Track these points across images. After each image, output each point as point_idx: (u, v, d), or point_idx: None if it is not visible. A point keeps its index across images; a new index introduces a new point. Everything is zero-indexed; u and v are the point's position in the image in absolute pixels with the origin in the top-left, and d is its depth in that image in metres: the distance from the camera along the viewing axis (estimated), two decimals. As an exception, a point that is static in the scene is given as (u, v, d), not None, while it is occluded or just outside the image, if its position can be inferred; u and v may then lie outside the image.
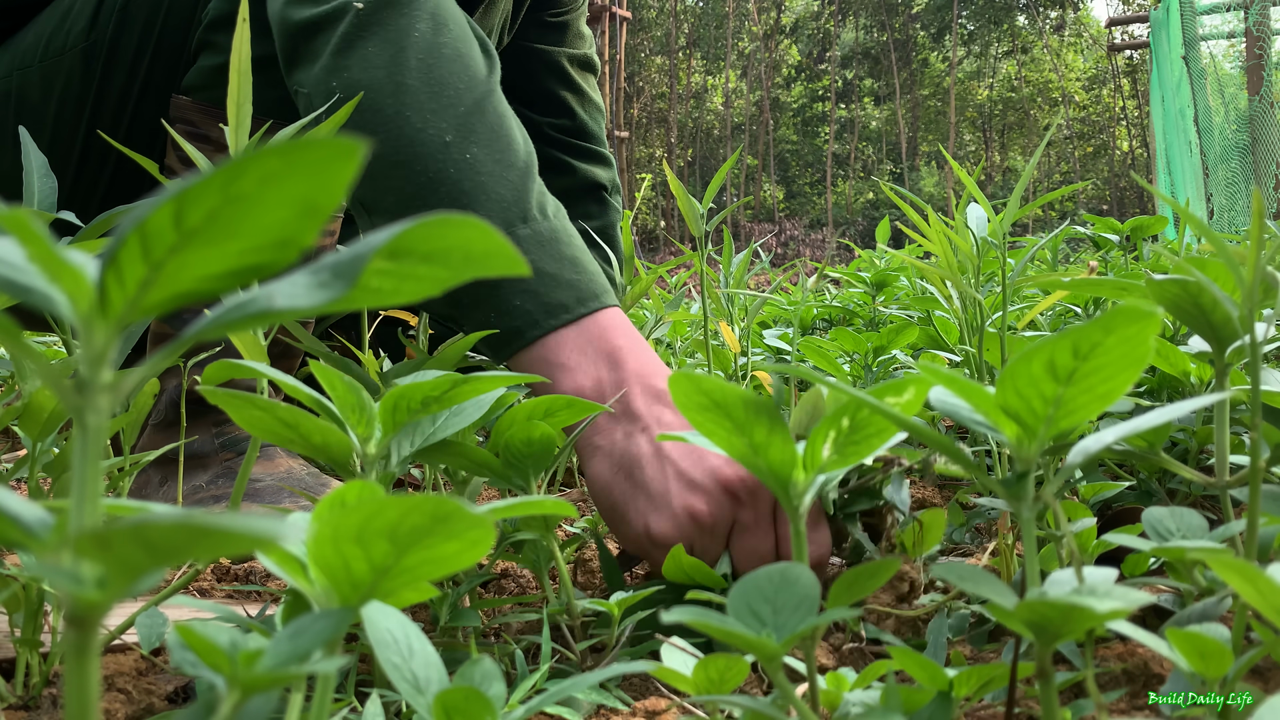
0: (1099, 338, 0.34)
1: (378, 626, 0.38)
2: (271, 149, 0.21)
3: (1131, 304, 0.33)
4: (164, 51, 1.10)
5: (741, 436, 0.39)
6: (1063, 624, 0.34)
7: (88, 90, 1.11)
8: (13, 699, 0.56)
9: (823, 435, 0.41)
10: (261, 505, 1.03)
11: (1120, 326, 0.33)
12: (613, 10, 15.93)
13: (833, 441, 0.41)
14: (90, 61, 1.10)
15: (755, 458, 0.40)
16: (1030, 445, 0.37)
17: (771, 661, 0.38)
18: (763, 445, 0.40)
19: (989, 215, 0.90)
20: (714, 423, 0.39)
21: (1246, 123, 5.83)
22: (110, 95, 1.11)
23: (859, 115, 31.42)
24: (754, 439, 0.39)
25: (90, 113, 1.12)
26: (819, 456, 0.41)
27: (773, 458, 0.40)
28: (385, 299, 0.26)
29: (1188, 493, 0.83)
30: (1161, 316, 0.33)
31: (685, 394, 0.39)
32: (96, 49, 1.10)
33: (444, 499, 0.28)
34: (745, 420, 0.39)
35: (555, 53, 1.59)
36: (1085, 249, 4.23)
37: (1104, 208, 26.64)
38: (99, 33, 1.09)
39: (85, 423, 0.24)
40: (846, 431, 0.41)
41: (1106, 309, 1.37)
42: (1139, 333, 0.34)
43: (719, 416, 0.39)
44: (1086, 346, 0.34)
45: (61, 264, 0.22)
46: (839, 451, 0.42)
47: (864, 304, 2.04)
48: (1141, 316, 0.33)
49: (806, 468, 0.41)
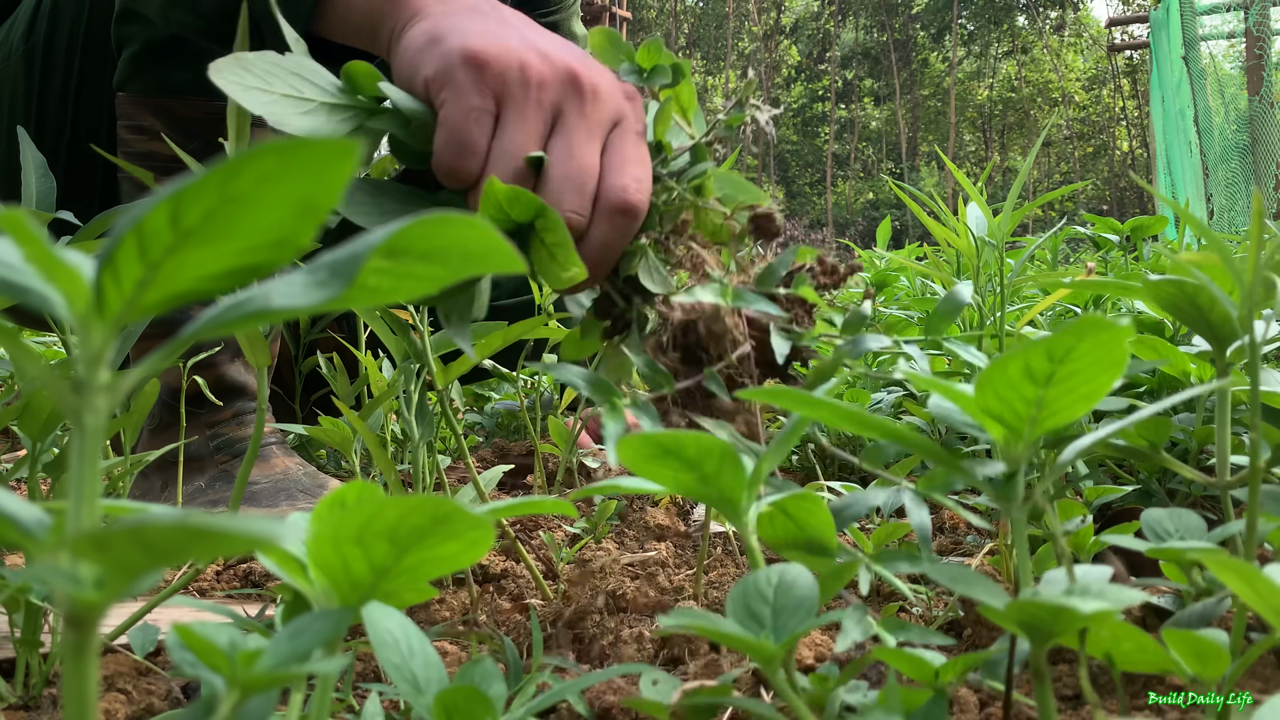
0: (1072, 343, 0.34)
1: (378, 626, 0.38)
2: (269, 148, 0.21)
3: (1095, 316, 0.33)
4: (93, 49, 1.13)
5: (691, 472, 0.40)
6: (1053, 624, 0.34)
7: (31, 93, 1.15)
8: (13, 699, 0.56)
9: (769, 460, 0.43)
10: (259, 508, 1.03)
11: (1091, 334, 0.34)
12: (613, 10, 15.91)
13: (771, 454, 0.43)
14: (30, 65, 1.14)
15: (706, 487, 0.41)
16: (1016, 445, 0.37)
17: (770, 664, 0.38)
18: (714, 475, 0.41)
19: (986, 216, 0.90)
20: (667, 467, 0.40)
21: (1246, 123, 5.84)
22: (51, 96, 1.15)
23: (859, 115, 31.42)
24: (704, 471, 0.40)
25: (36, 115, 1.15)
26: (761, 476, 0.42)
27: (724, 484, 0.41)
28: (383, 297, 0.26)
29: (1188, 493, 0.83)
30: (1131, 327, 0.34)
31: (635, 450, 0.39)
32: (34, 52, 1.14)
33: (444, 500, 0.28)
34: (697, 458, 0.40)
35: None
36: (1085, 249, 4.23)
37: (1104, 208, 26.64)
38: (36, 36, 1.14)
39: (83, 423, 0.24)
40: (783, 440, 0.44)
41: (1106, 310, 1.36)
42: (1110, 339, 0.34)
43: (671, 461, 0.40)
44: (1061, 351, 0.34)
45: (58, 264, 0.22)
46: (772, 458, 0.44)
47: (864, 304, 2.04)
48: (1110, 325, 0.33)
49: (750, 488, 0.42)
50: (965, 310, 0.95)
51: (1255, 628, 0.55)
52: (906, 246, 2.51)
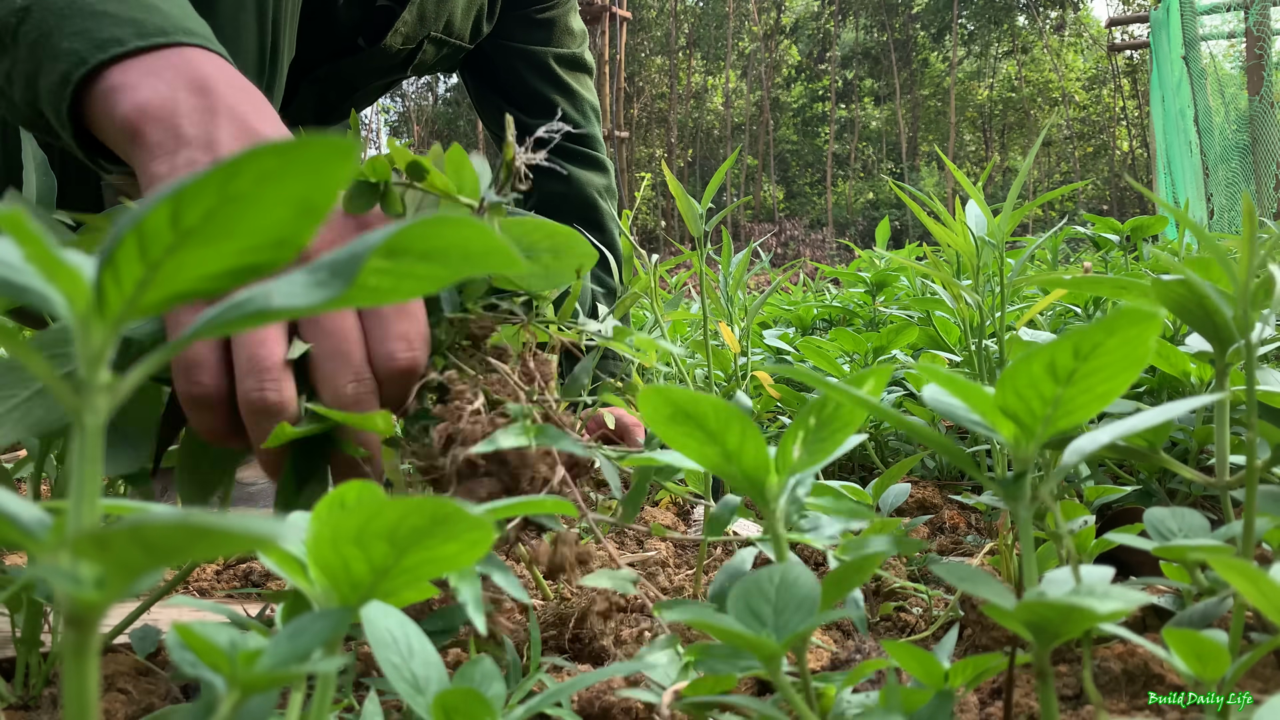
0: (1101, 338, 0.34)
1: (377, 626, 0.38)
2: (269, 148, 0.21)
3: (1135, 305, 0.33)
4: None
5: (714, 445, 0.39)
6: (1061, 624, 0.34)
7: None
8: (13, 699, 0.56)
9: (793, 436, 0.41)
10: (256, 508, 1.03)
11: (1123, 328, 0.33)
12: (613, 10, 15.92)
13: (802, 441, 0.41)
14: None
15: (729, 465, 0.40)
16: (1028, 445, 0.37)
17: (772, 662, 0.38)
18: (736, 452, 0.39)
19: (986, 216, 0.90)
20: (686, 434, 0.39)
21: (1246, 123, 5.83)
22: None
23: (859, 115, 31.43)
24: (727, 446, 0.39)
25: None
26: (790, 458, 0.41)
27: (746, 463, 0.39)
28: (383, 297, 0.26)
29: (1188, 493, 0.83)
30: (1163, 318, 0.33)
31: (654, 407, 0.38)
32: None
33: (444, 501, 0.28)
34: (718, 428, 0.38)
35: (541, 52, 1.54)
36: (1085, 249, 4.23)
37: (1104, 208, 26.64)
38: None
39: (83, 423, 0.24)
40: (814, 429, 0.41)
41: (1106, 309, 1.37)
42: (1140, 334, 0.34)
43: (691, 428, 0.38)
44: (1088, 347, 0.34)
45: (58, 264, 0.22)
46: (807, 450, 0.42)
47: (864, 304, 2.04)
48: (1144, 318, 0.33)
49: (779, 470, 0.41)
50: (965, 311, 0.95)
51: (1254, 627, 0.55)
52: (906, 246, 2.51)
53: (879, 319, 1.91)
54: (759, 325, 2.18)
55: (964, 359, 1.15)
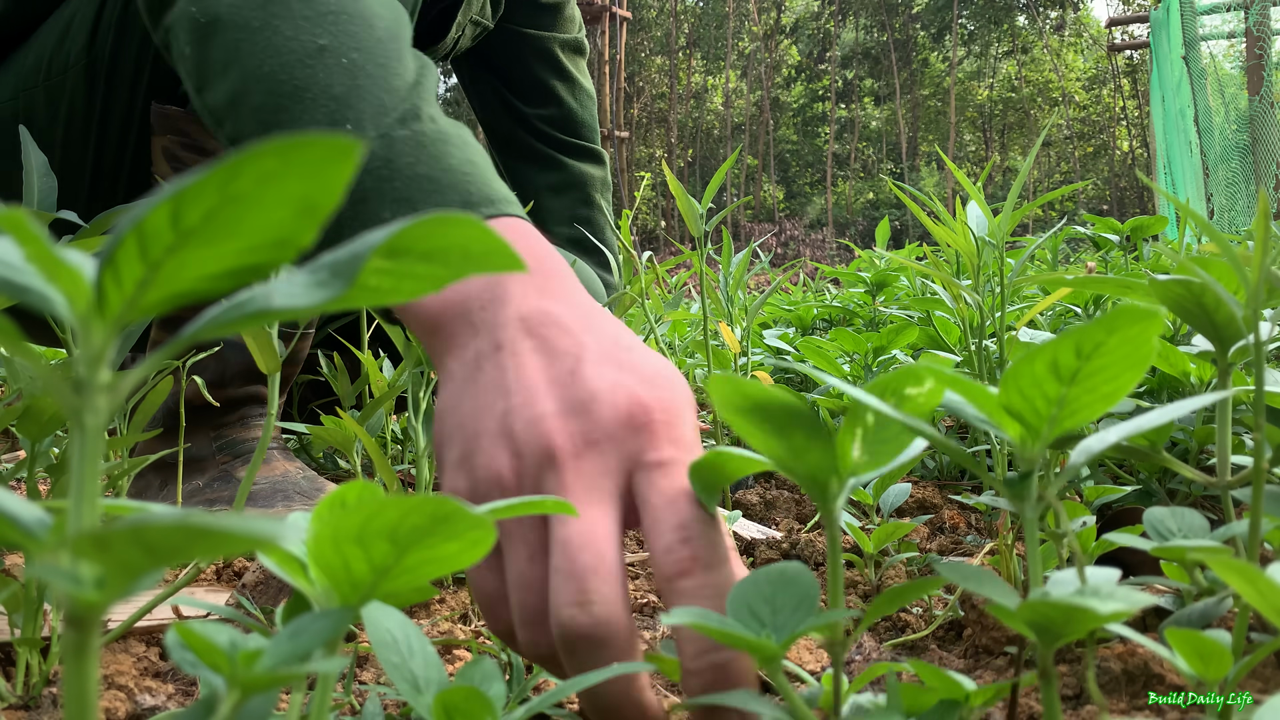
0: (1101, 337, 0.34)
1: (378, 626, 0.38)
2: (269, 147, 0.21)
3: (1134, 304, 0.33)
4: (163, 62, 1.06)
5: (782, 440, 0.38)
6: (1066, 625, 0.34)
7: (92, 109, 1.09)
8: (13, 699, 0.56)
9: (849, 434, 0.38)
10: (256, 509, 1.03)
11: (1123, 326, 0.33)
12: (613, 10, 15.91)
13: (861, 440, 0.39)
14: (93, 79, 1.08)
15: (795, 461, 0.38)
16: (1034, 445, 0.37)
17: (771, 663, 0.38)
18: (802, 449, 0.38)
19: (986, 216, 0.90)
20: (754, 425, 0.38)
21: (1246, 123, 5.83)
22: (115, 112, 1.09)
23: (859, 115, 31.42)
24: (794, 442, 0.37)
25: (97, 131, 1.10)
26: (849, 458, 0.39)
27: (811, 462, 0.38)
28: (384, 298, 0.26)
29: (1188, 493, 0.83)
30: (1164, 317, 0.33)
31: (725, 395, 0.37)
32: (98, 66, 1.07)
33: (444, 500, 0.28)
34: (785, 423, 0.37)
35: (547, 38, 1.54)
36: (1085, 249, 4.23)
37: (1104, 208, 26.64)
38: (99, 49, 1.07)
39: (83, 423, 0.24)
40: (874, 429, 0.39)
41: (1107, 309, 1.37)
42: (1142, 332, 0.34)
43: (760, 419, 0.37)
44: (1089, 346, 0.34)
45: (58, 263, 0.22)
46: (869, 452, 0.39)
47: (864, 304, 2.04)
48: (1144, 316, 0.33)
49: (839, 472, 0.39)
50: (965, 311, 0.95)
51: (1255, 628, 0.55)
52: (906, 246, 2.51)
53: (879, 319, 1.91)
54: (759, 325, 2.18)
55: (964, 359, 1.15)
